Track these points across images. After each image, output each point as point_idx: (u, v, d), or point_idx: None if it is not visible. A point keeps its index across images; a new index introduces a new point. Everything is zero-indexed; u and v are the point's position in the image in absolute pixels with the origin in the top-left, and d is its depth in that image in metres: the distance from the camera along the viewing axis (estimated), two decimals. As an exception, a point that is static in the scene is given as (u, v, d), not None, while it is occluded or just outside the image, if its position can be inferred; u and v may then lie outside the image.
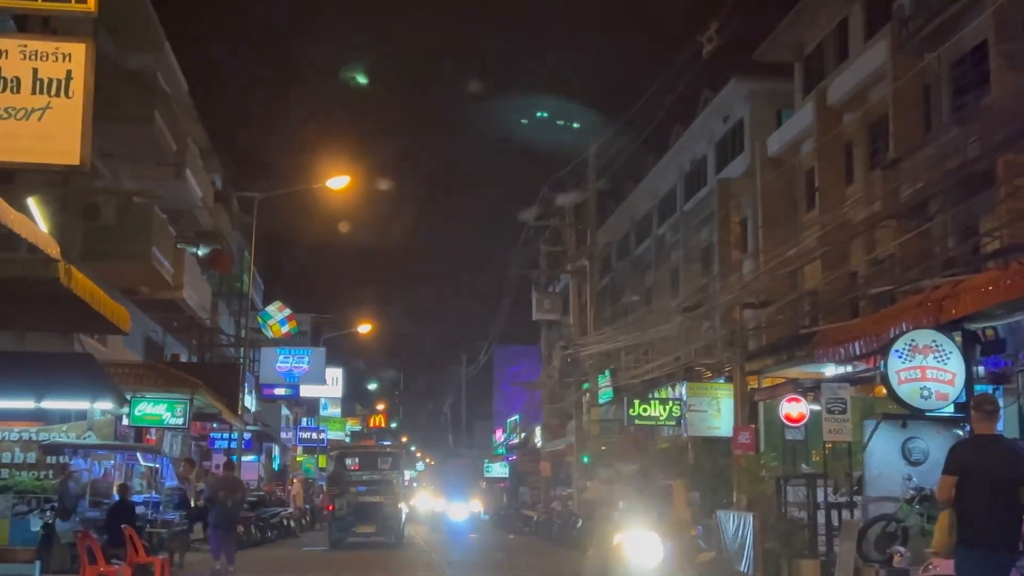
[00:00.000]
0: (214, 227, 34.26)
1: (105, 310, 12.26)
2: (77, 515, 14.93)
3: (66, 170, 10.55)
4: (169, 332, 32.85)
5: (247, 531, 23.52)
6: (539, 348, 72.73)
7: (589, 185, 27.58)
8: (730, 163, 32.69)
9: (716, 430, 19.41)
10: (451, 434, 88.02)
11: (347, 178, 27.88)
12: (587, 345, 26.01)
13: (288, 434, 50.80)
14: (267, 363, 34.13)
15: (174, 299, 28.76)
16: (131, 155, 26.31)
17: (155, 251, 24.45)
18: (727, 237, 30.03)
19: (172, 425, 23.12)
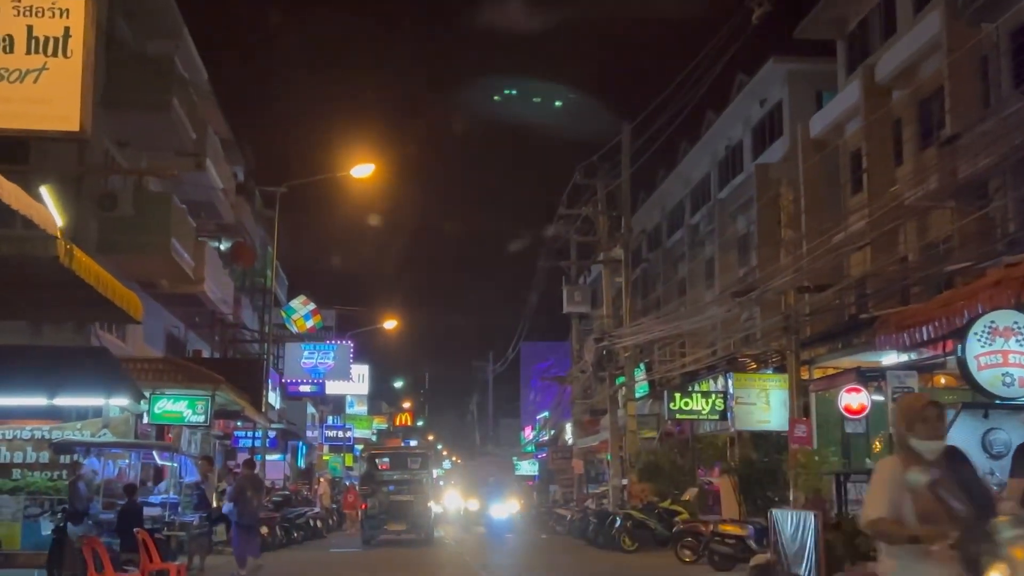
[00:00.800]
0: (236, 220, 33.42)
1: (114, 295, 11.30)
2: (89, 518, 14.00)
3: (64, 137, 9.57)
4: (191, 328, 32.03)
5: (272, 532, 22.60)
6: (568, 343, 72.02)
7: (622, 169, 26.44)
8: (768, 148, 31.54)
9: (766, 424, 18.29)
10: (477, 432, 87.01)
11: (372, 166, 26.93)
12: (623, 337, 24.91)
13: (314, 432, 50.00)
14: (292, 359, 33.23)
15: (195, 293, 27.93)
16: (149, 144, 25.45)
17: (174, 243, 23.58)
18: (766, 223, 28.83)
19: (193, 423, 22.20)
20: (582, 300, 35.46)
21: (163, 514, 15.28)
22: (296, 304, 32.19)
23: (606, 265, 29.60)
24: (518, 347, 49.12)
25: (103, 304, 11.58)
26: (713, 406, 21.90)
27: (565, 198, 30.46)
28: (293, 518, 25.83)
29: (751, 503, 18.59)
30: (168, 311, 29.61)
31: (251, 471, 16.09)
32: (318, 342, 34.07)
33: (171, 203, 23.61)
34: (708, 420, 22.41)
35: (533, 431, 60.11)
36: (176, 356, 26.65)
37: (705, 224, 35.86)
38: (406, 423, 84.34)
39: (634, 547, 22.76)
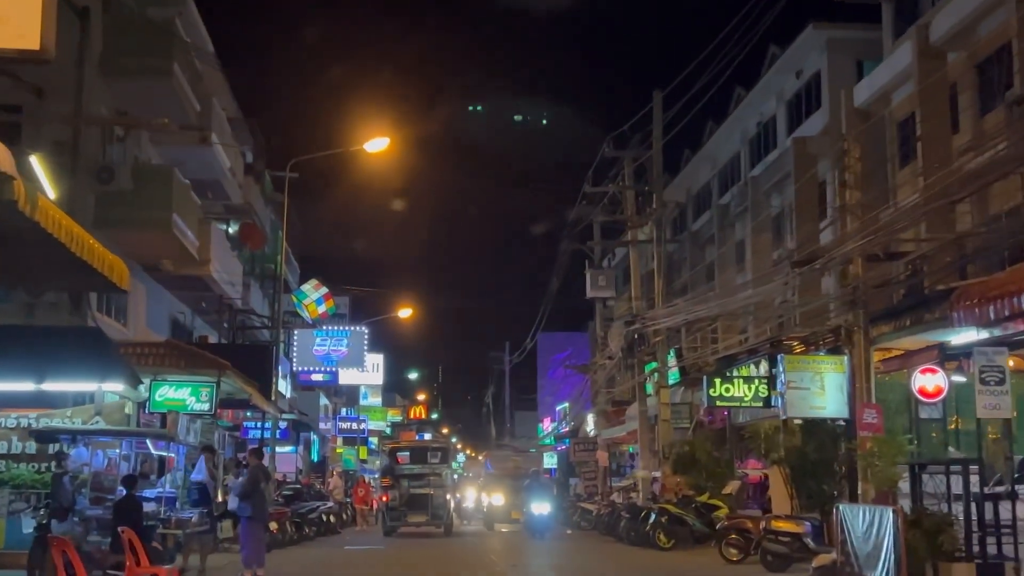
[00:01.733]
0: (244, 202, 31.96)
1: (92, 257, 9.78)
2: (75, 514, 12.49)
3: (23, 56, 8.01)
4: (198, 314, 30.59)
5: (281, 528, 21.10)
6: (586, 333, 70.45)
7: (654, 140, 24.78)
8: (804, 122, 29.87)
9: (820, 410, 16.64)
10: (493, 425, 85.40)
11: (386, 140, 25.33)
12: (656, 319, 23.28)
13: (327, 424, 48.57)
14: (303, 346, 31.65)
15: (201, 276, 26.42)
16: (150, 115, 23.96)
17: (176, 219, 22.08)
18: (805, 199, 27.20)
19: (197, 411, 20.65)
20: (607, 284, 33.88)
21: (159, 510, 13.72)
22: (307, 288, 30.64)
23: (633, 246, 27.97)
24: (536, 336, 47.23)
25: (81, 269, 10.06)
26: (756, 392, 20.29)
27: (590, 175, 28.86)
28: (305, 513, 24.34)
29: (803, 497, 16.96)
30: (173, 295, 28.17)
31: (260, 460, 14.57)
32: (331, 328, 32.50)
33: (173, 177, 22.11)
34: (751, 407, 20.76)
35: (553, 423, 58.55)
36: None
37: (736, 204, 34.17)
38: (420, 416, 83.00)
39: (670, 544, 21.19)
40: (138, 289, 25.04)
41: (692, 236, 38.33)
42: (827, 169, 27.21)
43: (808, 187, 27.32)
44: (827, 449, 16.75)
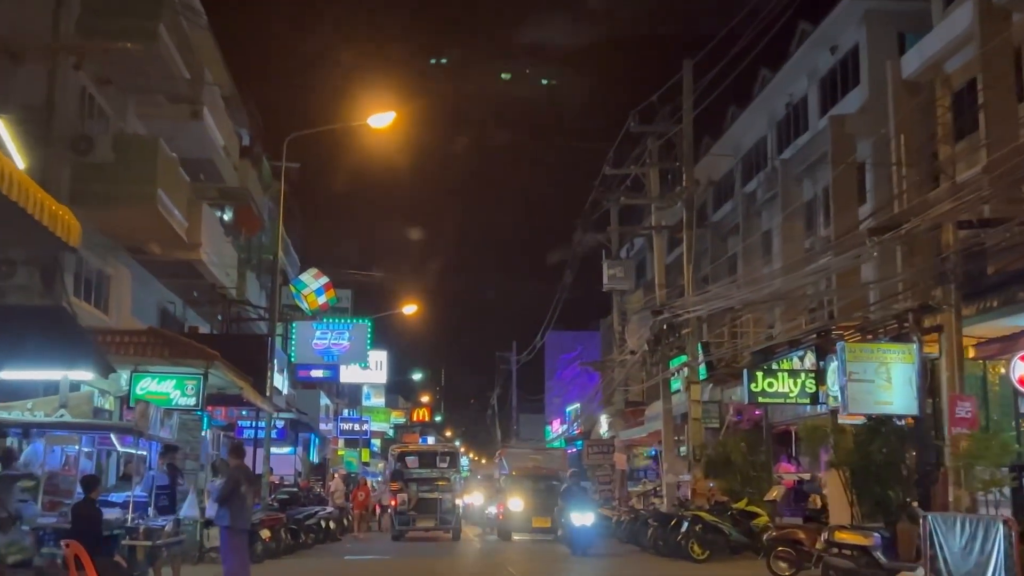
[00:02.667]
0: (240, 185, 29.93)
1: (27, 202, 7.79)
2: (24, 522, 10.46)
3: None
4: (189, 305, 28.58)
5: (274, 536, 19.07)
6: (595, 332, 68.39)
7: (684, 113, 22.74)
8: (840, 100, 27.85)
9: (887, 406, 14.61)
10: (498, 428, 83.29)
11: (392, 114, 23.32)
12: (687, 307, 21.23)
13: (328, 425, 46.59)
14: (302, 340, 29.51)
15: (190, 261, 24.43)
16: (135, 84, 22.00)
17: (161, 195, 20.08)
18: (843, 182, 25.17)
19: (183, 406, 18.79)
20: (624, 276, 31.87)
21: (125, 517, 11.68)
22: (307, 278, 28.56)
23: (658, 232, 25.96)
24: (547, 332, 45.16)
25: (17, 218, 8.05)
26: (803, 387, 18.30)
27: (611, 156, 26.82)
28: (302, 519, 22.31)
29: (866, 505, 14.91)
30: (162, 283, 26.18)
31: (241, 460, 12.57)
32: (332, 320, 30.41)
33: (158, 148, 20.10)
34: (796, 404, 18.72)
35: (563, 424, 56.50)
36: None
37: (763, 191, 32.12)
38: (424, 419, 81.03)
39: (704, 555, 19.13)
40: (121, 274, 23.06)
41: (713, 227, 36.27)
42: (867, 149, 25.25)
43: (846, 170, 25.27)
44: (894, 450, 14.69)
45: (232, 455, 12.72)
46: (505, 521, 27.67)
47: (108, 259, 22.07)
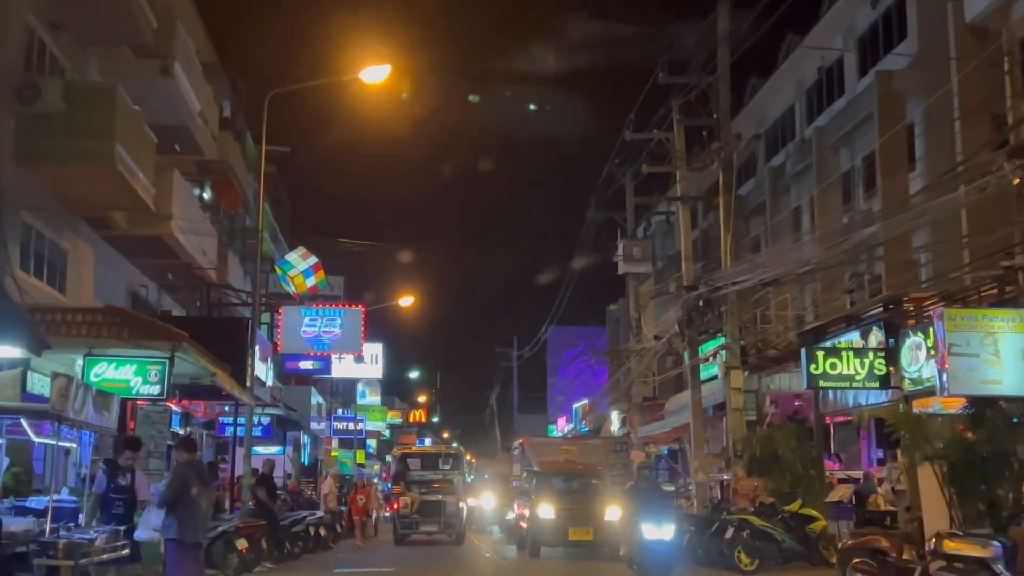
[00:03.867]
0: (221, 159, 27.23)
1: None
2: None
3: None
4: (165, 290, 25.86)
5: (253, 546, 16.37)
6: (599, 328, 65.62)
7: (719, 61, 20.04)
8: (883, 59, 25.21)
9: (995, 385, 11.95)
10: (497, 428, 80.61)
11: (387, 67, 20.56)
12: (729, 280, 18.55)
13: (321, 424, 43.80)
14: (289, 327, 26.66)
15: (161, 237, 21.75)
16: (94, 32, 19.28)
17: (121, 152, 17.37)
18: (893, 145, 22.53)
19: (146, 395, 16.11)
20: (642, 257, 29.18)
21: (35, 529, 8.93)
22: (294, 258, 25.81)
23: (684, 203, 23.31)
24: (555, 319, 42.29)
25: None
26: (871, 369, 15.60)
27: (631, 119, 24.13)
28: (287, 525, 19.63)
29: (969, 506, 12.24)
30: (132, 264, 23.45)
31: (192, 455, 9.89)
32: (322, 306, 27.63)
33: (116, 97, 17.38)
34: (865, 389, 16.03)
35: (569, 422, 53.76)
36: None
37: (793, 164, 29.46)
38: (420, 420, 78.47)
39: (753, 565, 16.52)
40: (81, 250, 20.32)
41: (737, 201, 33.48)
42: (917, 106, 22.63)
43: (893, 131, 22.60)
44: (1002, 439, 12.04)
45: (181, 450, 10.06)
46: (532, 532, 21.53)
47: (64, 231, 19.36)
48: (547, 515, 20.95)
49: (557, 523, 20.78)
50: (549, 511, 20.97)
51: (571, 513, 20.96)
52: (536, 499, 21.62)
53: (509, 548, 24.49)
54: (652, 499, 15.37)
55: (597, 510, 20.73)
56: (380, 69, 20.71)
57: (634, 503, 15.51)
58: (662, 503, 15.64)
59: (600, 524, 20.41)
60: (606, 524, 20.31)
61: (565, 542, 20.89)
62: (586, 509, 21.02)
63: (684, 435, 30.46)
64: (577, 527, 20.64)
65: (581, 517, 20.83)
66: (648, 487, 15.90)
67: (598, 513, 20.63)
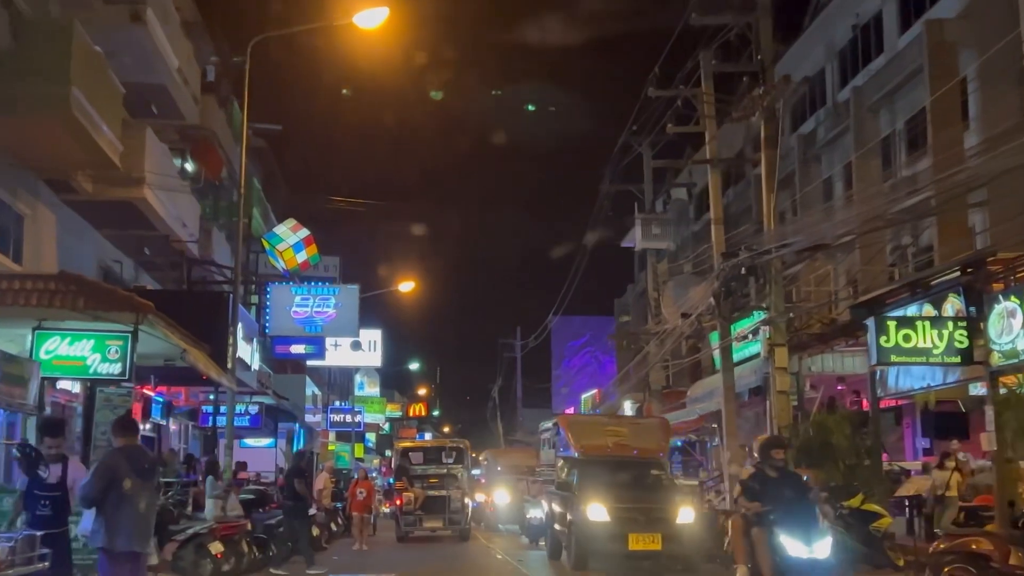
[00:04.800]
0: (202, 125, 24.94)
1: None
2: None
3: None
4: (143, 267, 23.61)
5: (232, 550, 14.13)
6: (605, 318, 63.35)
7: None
8: (928, 10, 23.00)
9: None
10: (499, 422, 78.38)
11: (384, 11, 18.30)
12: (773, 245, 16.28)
13: (316, 417, 41.62)
14: (278, 306, 24.27)
15: (132, 202, 19.47)
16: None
17: (79, 97, 15.12)
18: (946, 100, 20.31)
19: (105, 375, 13.86)
20: (662, 233, 26.94)
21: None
22: (282, 230, 23.51)
23: (714, 167, 21.09)
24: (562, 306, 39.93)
25: None
26: (951, 341, 13.37)
27: (654, 75, 21.80)
28: (273, 525, 17.37)
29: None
30: (104, 236, 21.17)
31: (129, 439, 7.66)
32: (314, 284, 25.32)
33: (72, 34, 15.09)
34: (944, 364, 13.81)
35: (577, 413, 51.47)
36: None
37: (825, 131, 27.23)
38: (420, 413, 76.43)
39: (810, 570, 14.17)
40: (42, 216, 18.02)
41: (757, 180, 31.29)
42: (970, 60, 20.42)
43: (944, 85, 20.40)
44: None
45: (117, 433, 7.80)
46: (579, 538, 16.35)
47: (20, 193, 17.09)
48: (599, 516, 16.01)
49: (613, 528, 15.81)
50: (601, 511, 16.01)
51: (631, 514, 16.01)
52: (582, 495, 16.61)
53: (534, 554, 20.50)
54: (793, 498, 10.29)
55: (666, 511, 16.14)
56: (375, 13, 18.43)
57: (764, 503, 10.31)
58: (807, 504, 10.49)
59: (671, 529, 15.82)
60: (679, 530, 15.87)
61: (624, 552, 15.70)
62: (651, 509, 16.19)
63: (706, 424, 28.29)
64: (640, 533, 15.68)
65: (645, 520, 15.92)
66: (783, 478, 10.58)
67: (668, 515, 16.06)
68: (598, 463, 17.85)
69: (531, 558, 19.72)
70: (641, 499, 16.53)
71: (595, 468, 17.60)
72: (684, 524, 15.96)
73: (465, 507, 25.21)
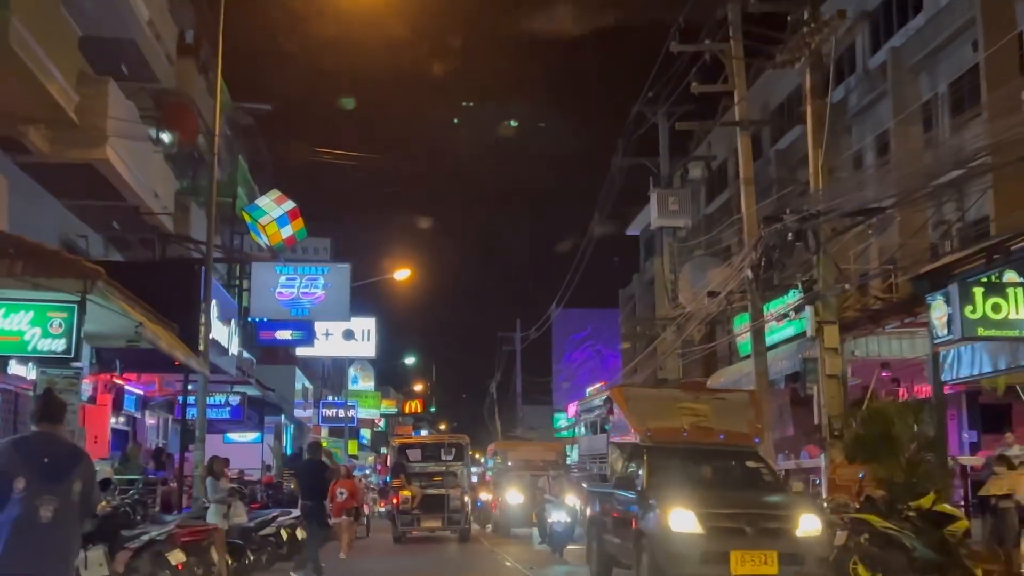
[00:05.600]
0: (179, 89, 22.79)
1: None
2: None
3: None
4: (112, 243, 21.49)
5: (197, 559, 12.02)
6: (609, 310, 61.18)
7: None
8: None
9: None
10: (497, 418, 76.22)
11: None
12: (828, 204, 14.18)
13: (307, 411, 39.53)
14: (261, 288, 21.97)
15: (93, 165, 17.30)
16: None
17: (21, 30, 13.02)
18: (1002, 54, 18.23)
19: (45, 352, 11.71)
20: (680, 208, 24.85)
21: None
22: (265, 202, 21.32)
23: (743, 128, 19.01)
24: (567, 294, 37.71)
25: None
26: (1049, 312, 11.27)
27: (679, 25, 19.72)
28: (251, 529, 15.27)
29: None
30: (65, 206, 19.02)
31: (50, 428, 5.51)
32: (301, 264, 23.13)
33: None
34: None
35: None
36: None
37: (857, 99, 25.13)
38: (417, 410, 74.49)
39: (878, 583, 12.01)
40: (-13, 178, 15.97)
41: (779, 156, 29.24)
42: None
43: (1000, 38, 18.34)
44: None
45: (34, 417, 5.70)
46: (656, 557, 11.95)
47: (-41, 150, 15.01)
48: (686, 527, 11.68)
49: (707, 543, 11.58)
50: (689, 520, 11.67)
51: (732, 524, 11.76)
52: (658, 497, 12.27)
53: (560, 570, 17.38)
54: None
55: (780, 519, 12.07)
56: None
57: None
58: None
59: (791, 545, 11.72)
60: (800, 545, 11.80)
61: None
62: (758, 517, 11.97)
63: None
64: (747, 551, 11.48)
65: (753, 532, 11.69)
66: None
67: (783, 524, 11.97)
68: (673, 452, 13.60)
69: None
70: (742, 503, 12.28)
71: (669, 459, 13.42)
72: (807, 537, 11.86)
73: (465, 506, 24.33)
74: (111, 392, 20.68)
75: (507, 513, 26.62)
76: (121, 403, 21.56)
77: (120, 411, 21.75)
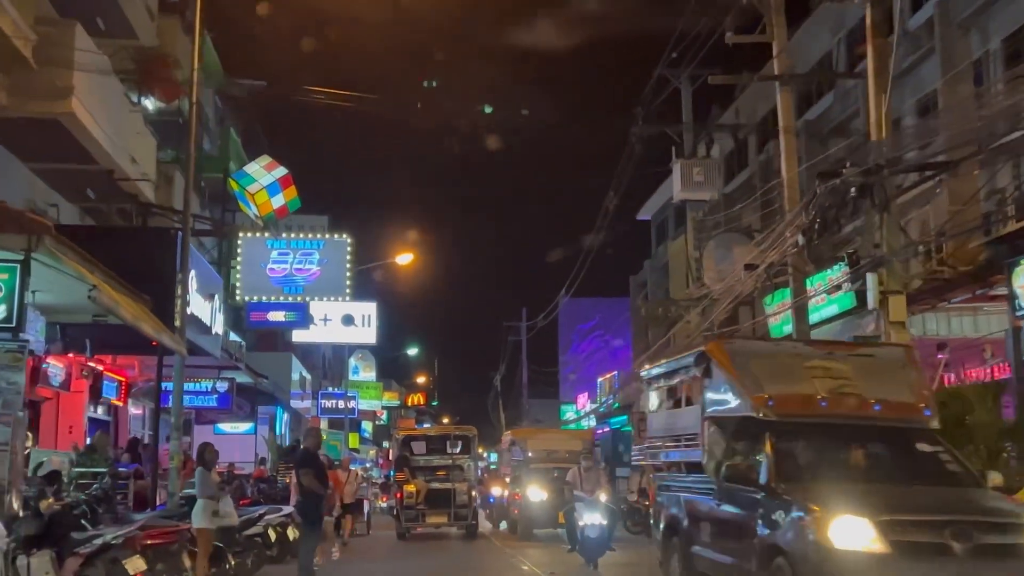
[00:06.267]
0: (161, 48, 20.93)
1: None
2: None
3: None
4: (89, 214, 19.63)
5: (169, 564, 10.19)
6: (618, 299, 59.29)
7: None
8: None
9: None
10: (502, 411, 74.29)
11: None
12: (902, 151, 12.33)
13: (305, 402, 37.76)
14: (251, 263, 20.02)
15: (59, 120, 15.43)
16: None
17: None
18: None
19: (-18, 324, 9.88)
20: (705, 180, 22.99)
21: None
22: (255, 169, 19.38)
23: (784, 83, 17.15)
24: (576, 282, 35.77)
25: None
26: None
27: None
28: (236, 528, 13.41)
29: None
30: (32, 170, 17.16)
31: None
32: (295, 237, 21.24)
33: None
34: None
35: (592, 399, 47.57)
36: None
37: (897, 61, 23.25)
38: (419, 403, 72.86)
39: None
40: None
41: (807, 126, 27.34)
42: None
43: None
44: None
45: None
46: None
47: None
48: (858, 542, 8.08)
49: (896, 568, 8.00)
50: (862, 533, 8.11)
51: (929, 539, 8.09)
52: (800, 496, 8.84)
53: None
54: None
55: (1004, 531, 8.38)
56: None
57: None
58: None
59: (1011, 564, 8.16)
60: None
61: None
62: (969, 529, 8.13)
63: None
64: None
65: (962, 552, 8.00)
66: None
67: (1014, 540, 8.31)
68: (808, 430, 9.79)
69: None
70: (937, 506, 8.56)
71: (805, 440, 9.85)
72: None
73: (472, 501, 23.64)
74: (88, 378, 18.88)
75: (527, 512, 23.12)
76: (101, 390, 19.78)
77: (99, 399, 19.98)
